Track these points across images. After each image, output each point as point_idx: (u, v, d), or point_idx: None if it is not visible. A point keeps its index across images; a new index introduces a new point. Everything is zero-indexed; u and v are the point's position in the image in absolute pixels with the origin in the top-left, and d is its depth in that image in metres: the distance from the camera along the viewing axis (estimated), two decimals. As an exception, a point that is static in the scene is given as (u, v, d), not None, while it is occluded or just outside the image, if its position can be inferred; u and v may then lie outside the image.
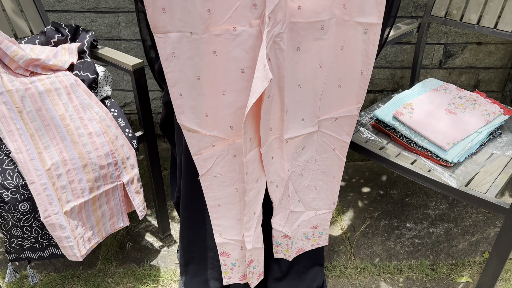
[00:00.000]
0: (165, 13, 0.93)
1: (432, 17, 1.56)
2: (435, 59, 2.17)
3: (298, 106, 1.11)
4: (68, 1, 1.95)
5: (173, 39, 0.96)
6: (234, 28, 0.95)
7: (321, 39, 1.00)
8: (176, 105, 1.04)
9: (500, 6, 1.43)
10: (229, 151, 1.12)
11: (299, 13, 0.97)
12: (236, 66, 0.98)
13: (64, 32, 1.43)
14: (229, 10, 0.94)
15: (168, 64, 0.99)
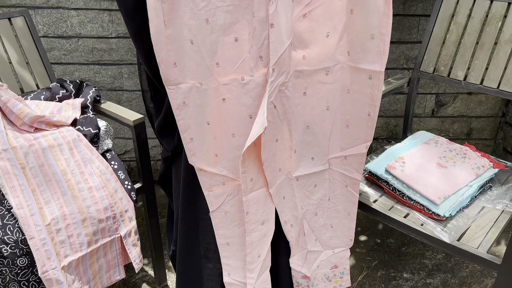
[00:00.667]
0: (176, 67, 1.00)
1: (421, 72, 1.63)
2: (427, 108, 2.23)
3: (307, 146, 1.15)
4: (73, 54, 2.04)
5: (184, 89, 1.02)
6: (242, 77, 1.01)
7: (327, 84, 1.06)
8: (188, 148, 1.10)
9: (485, 64, 1.50)
10: (239, 191, 1.15)
11: (304, 62, 1.03)
12: (244, 111, 1.04)
13: (69, 88, 1.49)
14: (237, 62, 1.00)
15: (179, 112, 1.05)
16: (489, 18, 1.48)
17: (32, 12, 1.95)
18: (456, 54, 1.55)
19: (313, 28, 0.99)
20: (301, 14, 0.98)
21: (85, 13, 1.97)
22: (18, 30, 1.58)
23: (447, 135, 2.30)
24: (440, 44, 1.57)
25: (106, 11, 1.97)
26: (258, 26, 0.94)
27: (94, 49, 2.04)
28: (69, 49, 2.03)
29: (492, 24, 1.47)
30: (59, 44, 2.02)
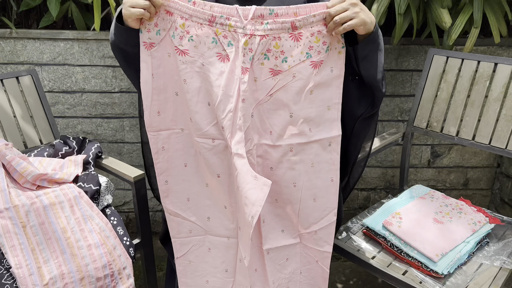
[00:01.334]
0: (159, 115, 1.11)
1: (415, 128, 1.68)
2: (423, 159, 2.27)
3: (277, 218, 1.17)
4: (77, 108, 2.10)
5: (163, 136, 1.13)
6: (213, 139, 1.10)
7: (291, 160, 1.10)
8: (162, 190, 1.19)
9: (476, 121, 1.55)
10: (204, 243, 1.21)
11: (270, 137, 1.09)
12: (213, 170, 1.12)
13: (72, 145, 1.53)
14: (208, 125, 1.09)
15: (157, 156, 1.15)
16: (477, 77, 1.54)
17: (39, 68, 2.02)
18: (448, 111, 1.61)
19: (277, 107, 1.06)
20: (269, 94, 1.05)
21: (90, 69, 2.05)
22: (25, 88, 1.64)
23: (444, 186, 2.32)
24: (432, 101, 1.63)
25: (110, 67, 2.05)
26: (224, 99, 1.03)
27: (97, 103, 2.10)
28: (72, 103, 2.09)
29: (480, 83, 1.53)
30: (63, 99, 2.08)
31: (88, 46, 2.01)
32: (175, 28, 1.02)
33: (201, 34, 1.01)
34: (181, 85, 1.07)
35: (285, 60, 1.02)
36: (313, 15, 0.98)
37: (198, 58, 1.04)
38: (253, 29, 0.99)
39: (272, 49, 1.01)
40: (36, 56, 2.01)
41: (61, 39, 1.99)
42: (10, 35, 1.97)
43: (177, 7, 1.01)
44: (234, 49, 1.01)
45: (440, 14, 1.71)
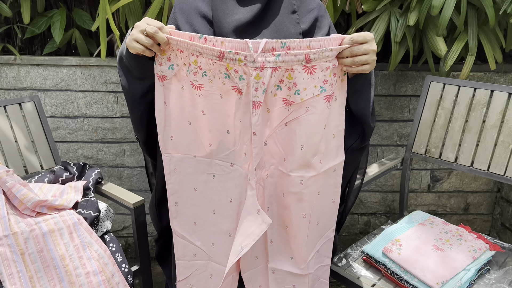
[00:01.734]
0: (172, 140, 1.13)
1: (414, 153, 1.69)
2: (423, 183, 2.27)
3: (287, 245, 1.17)
4: (78, 133, 2.12)
5: (177, 158, 1.14)
6: (232, 164, 1.10)
7: (301, 193, 1.09)
8: (171, 210, 1.19)
9: (474, 147, 1.56)
10: (207, 269, 1.21)
11: (284, 164, 1.09)
12: (226, 194, 1.12)
13: (72, 171, 1.54)
14: (227, 151, 1.10)
15: (169, 177, 1.16)
16: (474, 104, 1.56)
17: (42, 94, 2.05)
18: (446, 137, 1.62)
19: (290, 137, 1.05)
20: (284, 122, 1.04)
21: (92, 94, 2.07)
22: (27, 114, 1.66)
23: (444, 210, 2.32)
24: (430, 127, 1.65)
25: (112, 93, 2.07)
26: (243, 130, 1.05)
27: (98, 128, 2.12)
28: (74, 128, 2.11)
29: (477, 110, 1.55)
30: (64, 124, 2.10)
31: (91, 72, 2.04)
32: (189, 64, 1.03)
33: (213, 70, 1.02)
34: (197, 115, 1.08)
35: (297, 93, 1.00)
36: (330, 49, 0.96)
37: (215, 91, 1.04)
38: (264, 61, 0.97)
39: (285, 79, 0.99)
40: (39, 82, 2.04)
41: (64, 65, 2.02)
42: (14, 62, 2.01)
43: (186, 46, 1.01)
44: (246, 82, 0.99)
45: (436, 42, 1.74)
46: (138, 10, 1.85)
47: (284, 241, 1.17)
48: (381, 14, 1.81)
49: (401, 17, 1.78)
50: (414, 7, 1.72)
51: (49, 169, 1.65)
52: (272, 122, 1.04)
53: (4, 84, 2.04)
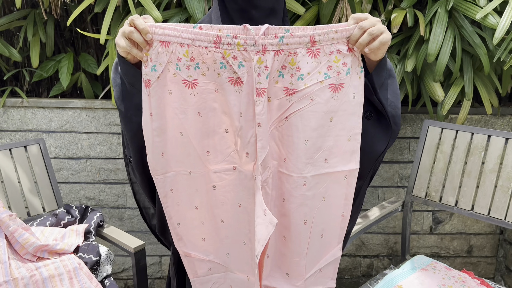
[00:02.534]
0: (163, 157, 1.00)
1: (414, 197, 1.69)
2: (425, 225, 2.26)
3: (282, 258, 1.08)
4: (81, 174, 2.13)
5: (171, 177, 1.02)
6: (234, 167, 1.01)
7: (304, 195, 1.01)
8: (175, 233, 1.07)
9: (474, 191, 1.57)
10: (226, 280, 1.11)
11: (284, 164, 1.01)
12: (234, 199, 1.03)
13: (74, 214, 1.55)
14: (228, 152, 1.00)
15: (166, 200, 1.04)
16: (472, 148, 1.58)
17: (47, 135, 2.08)
18: (446, 181, 1.63)
19: (292, 133, 0.98)
20: (284, 117, 0.97)
21: (96, 136, 2.11)
22: (32, 157, 1.68)
23: (447, 253, 2.29)
24: (429, 171, 1.66)
25: (116, 135, 2.11)
26: (245, 125, 0.95)
27: (101, 169, 2.14)
28: (77, 169, 2.13)
29: (475, 154, 1.57)
30: (68, 165, 2.12)
31: (95, 114, 2.08)
32: (178, 59, 0.93)
33: (207, 60, 0.93)
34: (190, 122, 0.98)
35: (301, 78, 0.94)
36: (335, 30, 0.91)
37: (209, 86, 0.95)
38: (266, 44, 0.90)
39: (288, 65, 0.93)
40: (44, 124, 2.08)
41: (70, 107, 2.07)
42: (21, 104, 2.06)
43: (174, 34, 0.91)
44: (247, 69, 0.92)
45: (433, 88, 1.79)
46: (143, 56, 1.91)
47: (280, 255, 1.07)
48: (379, 60, 1.87)
49: (399, 63, 1.84)
50: (411, 54, 1.78)
51: (51, 212, 1.66)
52: (271, 115, 0.97)
53: (10, 125, 2.08)
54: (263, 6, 1.01)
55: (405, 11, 1.77)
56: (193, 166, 1.02)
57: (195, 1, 1.71)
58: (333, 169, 1.00)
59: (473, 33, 1.74)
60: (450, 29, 1.74)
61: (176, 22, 1.82)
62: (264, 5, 1.01)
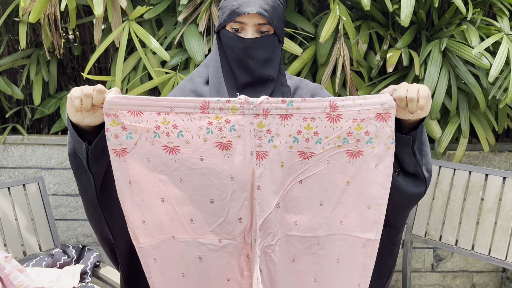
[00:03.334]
0: (145, 225, 0.96)
1: (414, 236, 1.68)
2: (426, 262, 2.23)
3: None
4: (79, 211, 2.13)
5: (153, 245, 0.98)
6: (220, 240, 0.98)
7: (316, 254, 1.01)
8: None
9: (473, 230, 1.56)
10: None
11: (295, 227, 1.00)
12: (221, 274, 1.00)
13: (71, 254, 1.53)
14: (213, 223, 0.98)
15: (149, 270, 0.99)
16: (470, 187, 1.58)
17: (46, 172, 2.09)
18: (445, 219, 1.63)
19: (308, 195, 0.98)
20: (298, 180, 0.97)
21: (95, 173, 2.11)
22: (30, 195, 1.68)
23: (450, 291, 2.25)
24: (428, 209, 1.66)
25: (115, 171, 2.11)
26: (238, 189, 0.94)
27: (100, 206, 2.13)
28: (75, 206, 2.12)
29: (474, 193, 1.57)
30: (66, 202, 2.12)
31: (95, 151, 2.09)
32: (156, 127, 0.90)
33: (191, 128, 0.90)
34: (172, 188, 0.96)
35: (319, 142, 0.93)
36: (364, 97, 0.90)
37: (193, 154, 0.93)
38: (268, 108, 0.90)
39: (303, 130, 0.92)
40: (44, 160, 2.09)
41: (70, 145, 2.08)
42: (22, 142, 2.07)
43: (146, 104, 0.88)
44: (240, 132, 0.91)
45: (430, 125, 1.81)
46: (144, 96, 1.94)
47: None
48: (375, 98, 1.90)
49: (395, 101, 1.86)
50: (406, 92, 1.80)
51: (48, 251, 1.65)
52: (284, 180, 0.96)
53: (10, 162, 2.09)
54: (259, 57, 1.05)
55: (400, 51, 1.81)
56: (177, 232, 0.99)
57: (195, 43, 1.75)
58: (348, 232, 0.99)
59: (467, 72, 1.78)
60: (444, 69, 1.78)
61: (176, 63, 1.87)
62: (260, 56, 1.05)
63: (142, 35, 1.75)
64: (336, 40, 1.80)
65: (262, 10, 1.02)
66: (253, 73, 1.07)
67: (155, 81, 1.78)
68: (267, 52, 1.06)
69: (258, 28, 1.05)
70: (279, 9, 1.07)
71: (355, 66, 1.92)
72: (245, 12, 1.02)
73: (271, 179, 0.95)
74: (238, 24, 1.04)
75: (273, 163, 0.94)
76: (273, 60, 1.08)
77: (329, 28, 1.67)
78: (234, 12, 1.03)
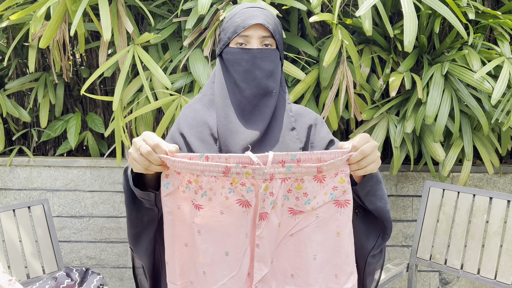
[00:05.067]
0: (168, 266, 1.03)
1: (418, 259, 1.67)
2: (432, 286, 2.20)
3: None
4: (83, 232, 2.13)
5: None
6: None
7: None
8: None
9: (479, 254, 1.55)
10: None
11: (292, 281, 1.02)
12: None
13: (74, 277, 1.53)
14: (225, 277, 1.00)
15: None
16: (475, 210, 1.58)
17: (51, 194, 2.10)
18: (450, 243, 1.62)
19: (300, 248, 1.01)
20: (289, 234, 1.01)
21: (99, 194, 2.12)
22: (35, 218, 1.69)
23: (456, 316, 2.22)
24: (433, 232, 1.65)
25: (119, 193, 2.12)
26: (250, 247, 0.99)
27: (103, 228, 2.13)
28: (79, 228, 2.12)
29: (478, 216, 1.56)
30: (70, 223, 2.12)
31: (100, 173, 2.11)
32: (189, 181, 0.98)
33: (215, 187, 0.97)
34: (193, 236, 1.01)
35: (308, 202, 0.98)
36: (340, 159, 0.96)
37: (215, 208, 0.99)
38: (274, 173, 0.95)
39: (293, 190, 0.98)
40: (49, 182, 2.10)
41: (75, 166, 2.10)
42: (28, 163, 2.09)
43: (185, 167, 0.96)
44: (255, 193, 0.97)
45: (433, 148, 1.81)
46: (149, 118, 1.97)
47: None
48: (379, 121, 1.91)
49: (399, 124, 1.88)
50: (409, 115, 1.82)
51: (51, 274, 1.64)
52: (278, 235, 1.00)
53: (15, 184, 2.10)
54: (265, 68, 1.10)
55: (403, 74, 1.83)
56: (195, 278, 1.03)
57: (200, 67, 1.78)
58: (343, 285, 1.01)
59: (469, 96, 1.79)
60: (446, 92, 1.80)
61: (181, 85, 1.89)
62: (266, 67, 1.10)
63: (146, 60, 1.78)
64: (339, 64, 1.82)
65: (266, 22, 1.08)
66: (260, 84, 1.10)
67: (158, 103, 1.80)
68: (272, 64, 1.10)
69: (262, 41, 1.09)
70: (279, 27, 1.13)
71: (358, 89, 1.94)
72: (250, 24, 1.06)
73: (269, 239, 0.99)
74: (243, 38, 1.09)
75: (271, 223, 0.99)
76: (276, 74, 1.12)
77: (332, 52, 1.70)
78: (239, 26, 1.08)
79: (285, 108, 1.16)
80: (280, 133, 1.15)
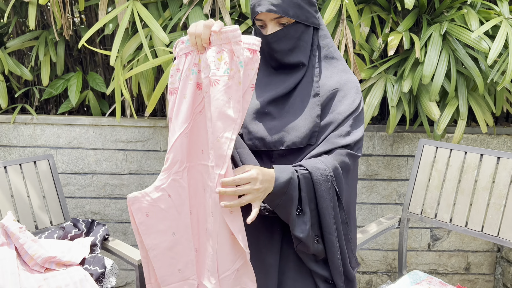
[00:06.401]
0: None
1: (410, 213, 1.74)
2: (423, 242, 2.30)
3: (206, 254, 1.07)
4: (87, 189, 2.19)
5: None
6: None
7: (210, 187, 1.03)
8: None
9: (467, 208, 1.62)
10: None
11: (202, 156, 1.06)
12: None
13: (81, 227, 1.60)
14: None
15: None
16: (466, 166, 1.64)
17: (55, 151, 2.15)
18: (440, 198, 1.68)
19: (198, 125, 1.04)
20: (198, 110, 1.03)
21: (102, 152, 2.17)
22: (41, 172, 1.75)
23: (445, 270, 2.32)
24: (425, 188, 1.71)
25: (121, 151, 2.18)
26: None
27: (107, 185, 2.20)
28: (83, 184, 2.19)
29: (469, 172, 1.62)
30: (74, 180, 2.19)
31: (102, 131, 2.15)
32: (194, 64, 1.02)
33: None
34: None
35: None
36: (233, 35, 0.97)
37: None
38: None
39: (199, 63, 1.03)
40: (53, 140, 2.15)
41: (78, 124, 2.14)
42: (31, 121, 2.13)
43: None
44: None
45: (429, 107, 1.85)
46: (150, 76, 1.99)
47: (204, 249, 1.07)
48: (377, 81, 1.94)
49: (396, 83, 1.91)
50: (407, 75, 1.85)
51: (59, 225, 1.72)
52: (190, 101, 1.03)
53: (20, 141, 2.15)
54: (282, 49, 1.11)
55: (402, 34, 1.84)
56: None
57: (200, 25, 1.79)
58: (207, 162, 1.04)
59: (466, 56, 1.81)
60: (444, 52, 1.82)
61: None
62: (283, 48, 1.11)
63: (145, 16, 1.79)
64: (339, 23, 1.83)
65: (271, 6, 1.06)
66: (281, 62, 1.13)
67: (157, 61, 1.82)
68: (290, 41, 1.10)
69: (277, 22, 1.10)
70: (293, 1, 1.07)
71: (357, 49, 1.95)
72: (257, 12, 1.09)
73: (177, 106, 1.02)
74: (259, 21, 1.12)
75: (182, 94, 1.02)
76: (300, 47, 1.11)
77: (331, 10, 1.71)
78: (252, 11, 1.11)
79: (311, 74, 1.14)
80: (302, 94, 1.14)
